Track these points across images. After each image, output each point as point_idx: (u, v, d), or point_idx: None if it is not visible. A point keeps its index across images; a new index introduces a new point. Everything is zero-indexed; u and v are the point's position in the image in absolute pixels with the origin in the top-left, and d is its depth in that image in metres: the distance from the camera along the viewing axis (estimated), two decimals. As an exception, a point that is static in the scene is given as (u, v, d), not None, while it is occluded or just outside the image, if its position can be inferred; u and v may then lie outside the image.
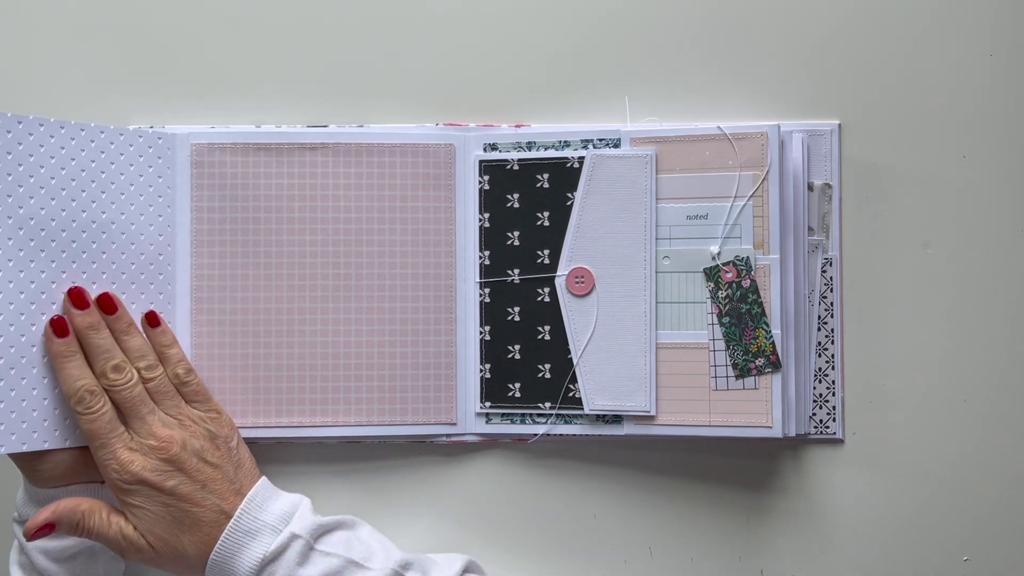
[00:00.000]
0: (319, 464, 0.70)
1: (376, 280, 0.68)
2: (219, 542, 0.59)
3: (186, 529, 0.59)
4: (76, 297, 0.61)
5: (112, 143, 0.64)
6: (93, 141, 0.63)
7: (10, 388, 0.59)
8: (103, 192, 0.63)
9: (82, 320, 0.61)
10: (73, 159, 0.62)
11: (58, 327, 0.60)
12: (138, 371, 0.62)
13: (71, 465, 0.61)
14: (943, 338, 0.69)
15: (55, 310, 0.61)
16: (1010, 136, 0.69)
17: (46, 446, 0.60)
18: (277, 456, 0.70)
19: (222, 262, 0.68)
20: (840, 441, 0.69)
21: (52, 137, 0.61)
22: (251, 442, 0.68)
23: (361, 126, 0.70)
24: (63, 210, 0.62)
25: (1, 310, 0.59)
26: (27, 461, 0.61)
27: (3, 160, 0.59)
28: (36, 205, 0.60)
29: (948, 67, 0.69)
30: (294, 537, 0.59)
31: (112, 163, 0.64)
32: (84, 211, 0.62)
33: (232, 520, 0.59)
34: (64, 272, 0.61)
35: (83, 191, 0.62)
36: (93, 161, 0.63)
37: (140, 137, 0.65)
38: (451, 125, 0.70)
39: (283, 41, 0.71)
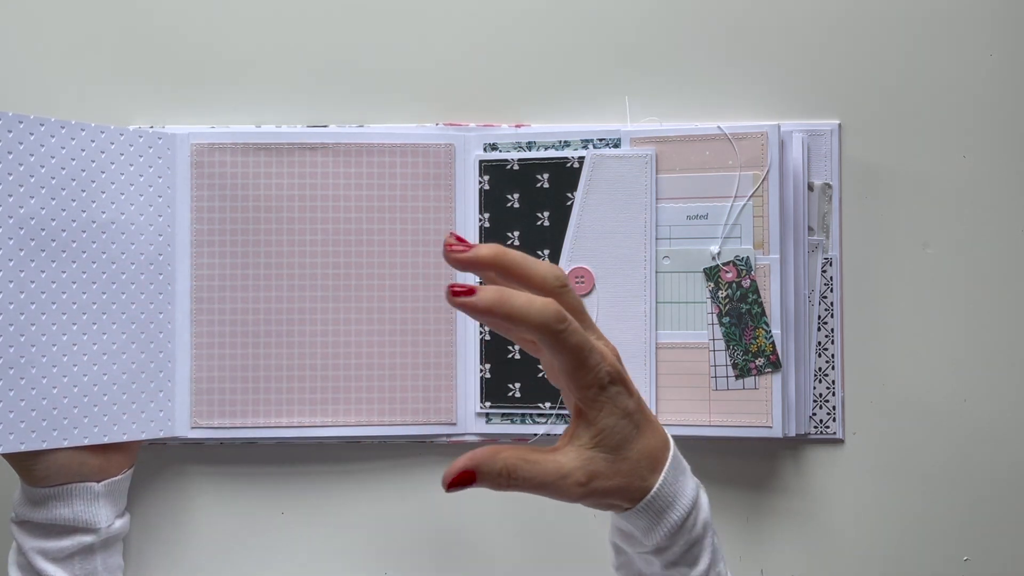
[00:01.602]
0: (319, 464, 0.70)
1: (376, 280, 0.68)
2: (668, 462, 0.51)
3: (643, 436, 0.51)
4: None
5: (112, 143, 0.64)
6: (93, 141, 0.63)
7: (8, 388, 0.59)
8: (103, 192, 0.63)
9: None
10: (73, 159, 0.62)
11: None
12: None
13: (67, 465, 0.61)
14: (943, 338, 0.69)
15: (55, 310, 0.61)
16: (1010, 136, 0.69)
17: (44, 446, 0.60)
18: (278, 456, 0.69)
19: (222, 262, 0.68)
20: (840, 441, 0.69)
21: (52, 137, 0.61)
22: (251, 442, 0.69)
23: (361, 126, 0.70)
24: (63, 210, 0.61)
25: (0, 310, 0.59)
26: (22, 461, 0.60)
27: (4, 160, 0.59)
28: (36, 205, 0.60)
29: (948, 67, 0.69)
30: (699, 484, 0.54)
31: (112, 163, 0.64)
32: (84, 211, 0.62)
33: (673, 447, 0.52)
34: (64, 272, 0.61)
35: (83, 191, 0.62)
36: (93, 161, 0.63)
37: (140, 137, 0.65)
38: (451, 125, 0.70)
39: (283, 41, 0.71)
